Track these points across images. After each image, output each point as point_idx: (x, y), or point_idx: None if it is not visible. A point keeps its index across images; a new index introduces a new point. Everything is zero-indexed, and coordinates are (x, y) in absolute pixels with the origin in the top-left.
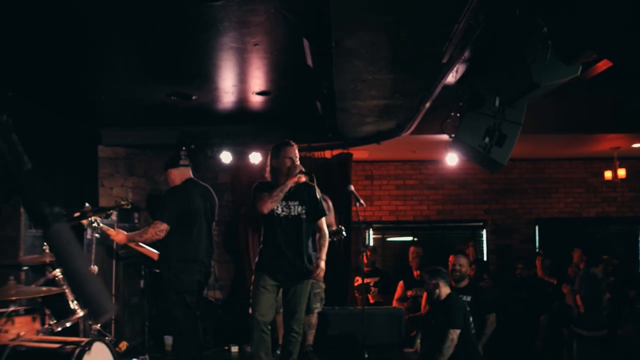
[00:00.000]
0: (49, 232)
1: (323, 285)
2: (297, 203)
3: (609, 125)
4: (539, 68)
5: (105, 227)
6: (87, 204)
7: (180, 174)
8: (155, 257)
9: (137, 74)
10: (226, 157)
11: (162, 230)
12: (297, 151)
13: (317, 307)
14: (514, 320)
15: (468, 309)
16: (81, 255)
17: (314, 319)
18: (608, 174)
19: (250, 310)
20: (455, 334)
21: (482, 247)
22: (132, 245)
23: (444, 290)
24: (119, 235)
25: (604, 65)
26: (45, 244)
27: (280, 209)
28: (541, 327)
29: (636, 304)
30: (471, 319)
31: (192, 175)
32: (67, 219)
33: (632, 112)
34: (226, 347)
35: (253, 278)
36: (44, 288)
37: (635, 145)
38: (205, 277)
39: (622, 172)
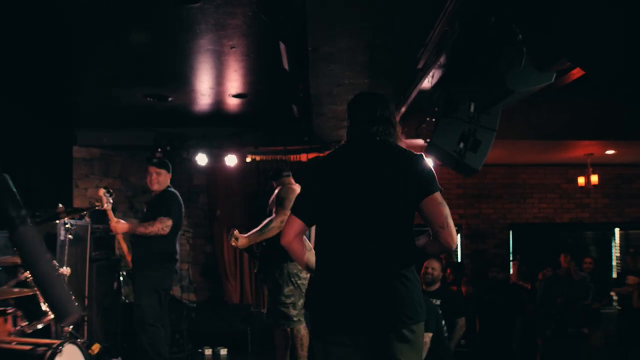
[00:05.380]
0: (15, 234)
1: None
2: None
3: (583, 132)
4: (514, 75)
5: (110, 212)
6: (60, 205)
7: (167, 181)
8: (129, 258)
9: (114, 75)
10: (202, 159)
11: (168, 226)
12: None
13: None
14: (489, 323)
15: (440, 312)
16: (47, 257)
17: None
18: (581, 180)
19: None
20: (427, 337)
21: (457, 251)
22: (120, 238)
23: None
24: (119, 225)
25: (578, 72)
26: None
27: None
28: (516, 329)
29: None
30: (443, 322)
31: None
32: (40, 219)
33: (606, 119)
34: (200, 350)
35: None
36: (16, 289)
37: (609, 152)
38: (175, 278)
39: (595, 179)
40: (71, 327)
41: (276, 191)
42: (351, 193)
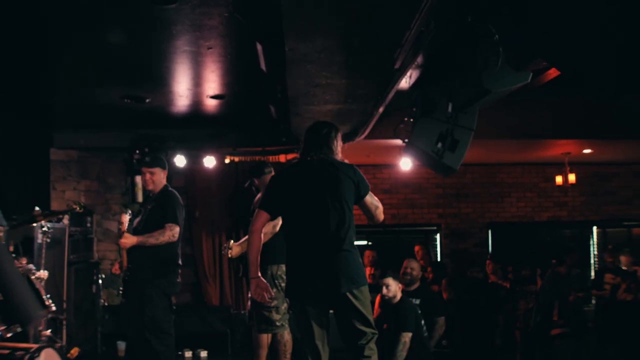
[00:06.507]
0: None
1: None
2: None
3: (560, 131)
4: (490, 75)
5: (126, 223)
6: (37, 208)
7: (164, 179)
8: (115, 267)
9: (91, 75)
10: (180, 160)
11: (177, 232)
12: None
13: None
14: (470, 323)
15: (419, 311)
16: (10, 261)
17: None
18: (559, 179)
19: None
20: (407, 337)
21: (437, 251)
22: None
23: (399, 293)
24: (128, 240)
25: (554, 72)
26: None
27: None
28: (498, 326)
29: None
30: (423, 322)
31: None
32: (17, 222)
33: (583, 118)
34: (180, 353)
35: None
36: None
37: (586, 151)
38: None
39: (572, 177)
40: (49, 330)
41: (261, 193)
42: (310, 194)
